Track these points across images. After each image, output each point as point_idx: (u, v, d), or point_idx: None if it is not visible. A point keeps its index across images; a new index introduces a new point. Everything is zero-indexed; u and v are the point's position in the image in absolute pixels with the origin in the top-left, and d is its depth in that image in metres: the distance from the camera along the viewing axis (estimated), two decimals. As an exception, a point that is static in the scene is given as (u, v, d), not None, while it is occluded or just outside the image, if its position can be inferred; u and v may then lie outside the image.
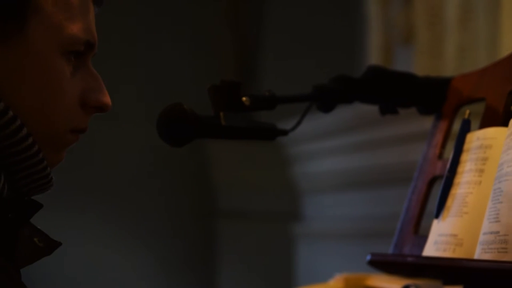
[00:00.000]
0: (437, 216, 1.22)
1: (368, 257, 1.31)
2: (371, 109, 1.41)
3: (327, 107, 1.28)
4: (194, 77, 4.25)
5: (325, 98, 1.26)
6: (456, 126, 1.30)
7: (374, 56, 3.38)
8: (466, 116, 1.25)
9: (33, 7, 1.00)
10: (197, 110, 1.23)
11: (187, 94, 3.24)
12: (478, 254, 1.07)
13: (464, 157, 1.22)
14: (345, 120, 3.53)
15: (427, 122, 1.45)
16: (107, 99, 1.06)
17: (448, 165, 1.24)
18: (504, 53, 1.28)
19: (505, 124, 1.14)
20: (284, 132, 1.25)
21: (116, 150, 4.33)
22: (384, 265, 1.32)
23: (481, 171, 1.17)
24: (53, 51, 1.02)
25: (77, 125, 1.06)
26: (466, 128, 1.24)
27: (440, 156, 1.36)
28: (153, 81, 4.33)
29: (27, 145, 1.00)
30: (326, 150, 3.81)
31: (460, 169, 1.22)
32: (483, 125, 1.26)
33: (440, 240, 1.19)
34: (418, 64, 3.14)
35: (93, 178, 4.32)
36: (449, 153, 1.27)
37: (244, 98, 1.19)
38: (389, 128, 3.23)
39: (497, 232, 1.04)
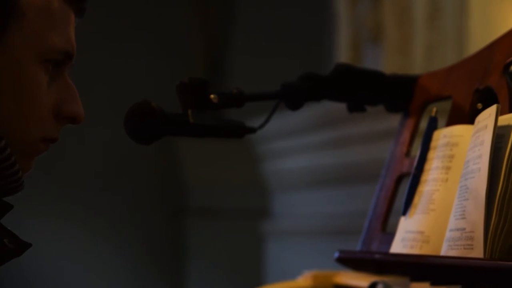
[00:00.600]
0: (404, 213, 1.23)
1: (336, 254, 1.32)
2: (340, 107, 1.42)
3: (295, 105, 1.28)
4: (163, 75, 4.24)
5: (293, 96, 1.26)
6: (423, 124, 1.31)
7: (343, 54, 3.39)
8: (433, 114, 1.26)
9: (16, 13, 0.99)
10: (166, 108, 1.23)
11: (156, 92, 3.22)
12: (445, 250, 1.08)
13: (431, 154, 1.23)
14: (314, 118, 3.54)
15: (395, 120, 1.46)
16: (80, 110, 1.07)
17: (415, 163, 1.25)
18: (471, 51, 1.29)
19: (471, 121, 1.15)
20: (252, 130, 1.25)
21: (84, 149, 4.31)
22: (352, 262, 1.32)
23: (448, 168, 1.18)
24: (32, 59, 1.01)
25: (49, 134, 1.05)
26: (433, 126, 1.25)
27: (408, 153, 1.37)
28: (122, 80, 4.31)
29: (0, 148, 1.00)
30: (295, 148, 3.82)
31: (427, 166, 1.23)
32: (449, 123, 1.27)
33: (407, 237, 1.20)
34: (387, 62, 3.16)
35: (61, 177, 4.29)
36: (416, 151, 1.27)
37: (212, 96, 1.19)
38: (357, 126, 3.24)
39: (463, 229, 1.04)
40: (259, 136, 4.24)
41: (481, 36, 2.93)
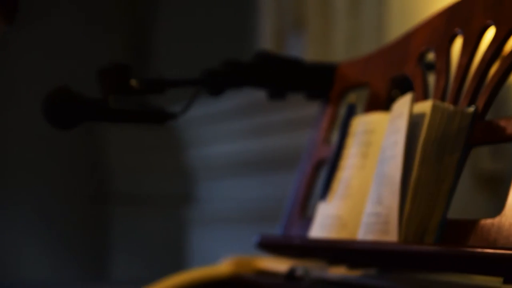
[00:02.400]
0: (322, 198, 1.25)
1: (256, 240, 1.33)
2: (263, 94, 1.43)
3: (216, 91, 1.28)
4: (85, 60, 4.17)
5: (214, 83, 1.27)
6: (343, 111, 1.33)
7: (266, 42, 3.41)
8: (351, 101, 1.28)
9: None
10: (89, 94, 1.22)
11: (78, 77, 3.18)
12: (361, 235, 1.10)
13: (349, 141, 1.25)
14: (238, 105, 3.55)
15: (316, 108, 1.48)
16: None
17: (333, 149, 1.27)
18: (391, 40, 1.32)
19: (388, 109, 1.17)
20: (173, 116, 1.25)
21: (7, 135, 4.22)
22: (272, 247, 1.34)
23: (365, 154, 1.20)
24: None
25: None
26: (351, 113, 1.27)
27: (326, 140, 1.39)
28: (43, 64, 4.23)
29: None
30: (219, 134, 3.83)
31: (345, 153, 1.25)
32: (367, 110, 1.29)
33: (326, 222, 1.22)
34: (309, 51, 3.19)
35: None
36: (335, 138, 1.29)
37: (133, 81, 1.18)
38: (280, 114, 3.27)
39: (379, 214, 1.07)
40: (183, 122, 4.25)
41: (400, 25, 2.98)
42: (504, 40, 1.06)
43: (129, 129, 4.25)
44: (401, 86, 1.26)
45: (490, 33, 1.10)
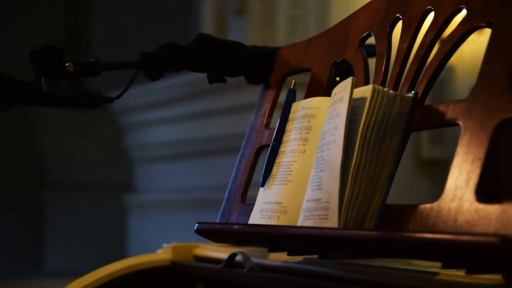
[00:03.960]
0: (263, 184, 1.24)
1: (196, 226, 1.31)
2: (204, 79, 1.40)
3: (154, 75, 1.25)
4: (21, 43, 4.09)
5: (152, 66, 1.24)
6: (284, 96, 1.32)
7: (207, 26, 3.38)
8: (291, 86, 1.27)
9: None
10: (21, 76, 1.18)
11: (13, 61, 3.11)
12: (301, 221, 1.09)
13: (290, 126, 1.24)
14: (178, 89, 3.52)
15: (258, 93, 1.47)
16: None
17: (274, 134, 1.26)
18: (332, 24, 1.31)
19: (329, 94, 1.16)
20: (110, 100, 1.21)
21: None
22: (211, 233, 1.32)
23: (305, 140, 1.19)
24: None
25: None
26: (291, 98, 1.26)
27: (267, 125, 1.37)
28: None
29: None
30: (158, 120, 3.79)
31: (285, 138, 1.23)
32: (308, 95, 1.28)
33: (265, 208, 1.20)
34: (251, 35, 3.17)
35: None
36: (276, 123, 1.28)
37: (67, 64, 1.15)
38: (221, 99, 3.24)
39: (319, 200, 1.06)
40: (122, 107, 4.20)
41: (342, 9, 2.98)
42: (444, 25, 1.06)
43: (66, 114, 4.18)
44: (342, 71, 1.25)
45: (430, 18, 1.09)
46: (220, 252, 1.33)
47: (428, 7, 1.09)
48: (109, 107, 3.74)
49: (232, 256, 1.23)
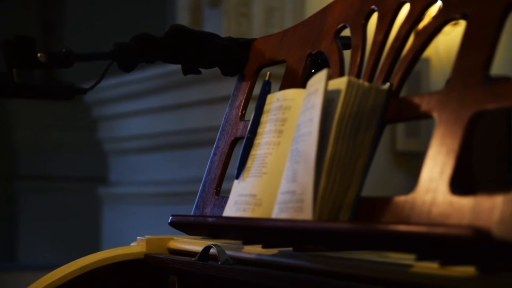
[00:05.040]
0: (237, 176, 1.23)
1: (170, 219, 1.31)
2: (179, 71, 1.39)
3: (128, 66, 1.24)
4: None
5: (125, 57, 1.23)
6: (259, 87, 1.31)
7: (182, 17, 3.36)
8: (266, 78, 1.26)
9: None
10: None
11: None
12: (276, 213, 1.08)
13: (265, 118, 1.23)
14: (152, 81, 3.50)
15: (233, 85, 1.46)
16: None
17: (249, 126, 1.25)
18: (308, 16, 1.30)
19: (304, 85, 1.16)
20: (82, 91, 1.20)
21: None
22: (185, 226, 1.31)
23: (280, 132, 1.19)
24: None
25: None
26: (266, 90, 1.25)
27: (242, 117, 1.37)
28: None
29: None
30: (133, 112, 3.77)
31: (260, 130, 1.23)
32: (283, 87, 1.28)
33: (240, 200, 1.20)
34: (226, 26, 3.16)
35: None
36: (251, 114, 1.27)
37: (39, 54, 1.13)
38: (195, 90, 3.23)
39: (294, 192, 1.05)
40: (96, 99, 4.17)
41: (318, 1, 2.98)
42: (419, 17, 1.06)
43: (38, 106, 4.15)
44: (318, 63, 1.25)
45: (405, 10, 1.09)
46: (194, 245, 1.33)
47: (403, -1, 1.08)
48: (83, 99, 3.71)
49: (207, 248, 1.23)
